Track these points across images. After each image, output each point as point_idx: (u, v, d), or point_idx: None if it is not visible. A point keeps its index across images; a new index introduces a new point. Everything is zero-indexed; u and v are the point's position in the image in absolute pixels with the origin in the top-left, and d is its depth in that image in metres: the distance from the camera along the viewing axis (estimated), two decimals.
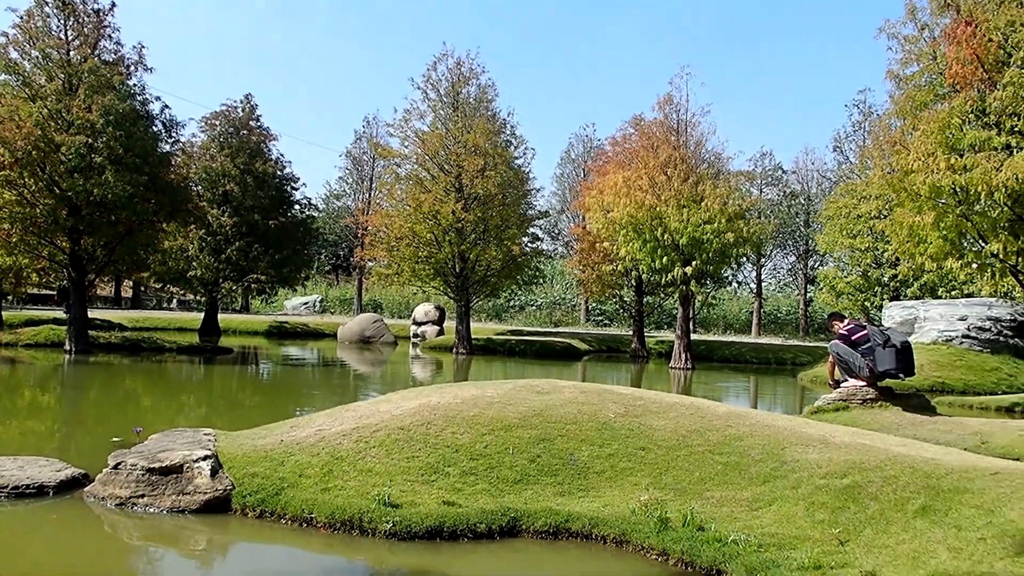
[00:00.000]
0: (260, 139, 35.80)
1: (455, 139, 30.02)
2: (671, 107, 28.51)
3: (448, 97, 31.00)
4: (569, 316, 55.20)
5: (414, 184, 30.64)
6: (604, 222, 27.34)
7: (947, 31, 13.40)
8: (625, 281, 33.76)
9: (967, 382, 21.12)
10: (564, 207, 55.53)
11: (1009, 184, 11.95)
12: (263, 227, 33.54)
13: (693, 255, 26.00)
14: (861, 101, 44.69)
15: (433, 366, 25.91)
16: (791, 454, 6.69)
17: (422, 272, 31.03)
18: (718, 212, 25.53)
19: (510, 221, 30.81)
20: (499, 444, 7.08)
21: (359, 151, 59.85)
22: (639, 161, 27.52)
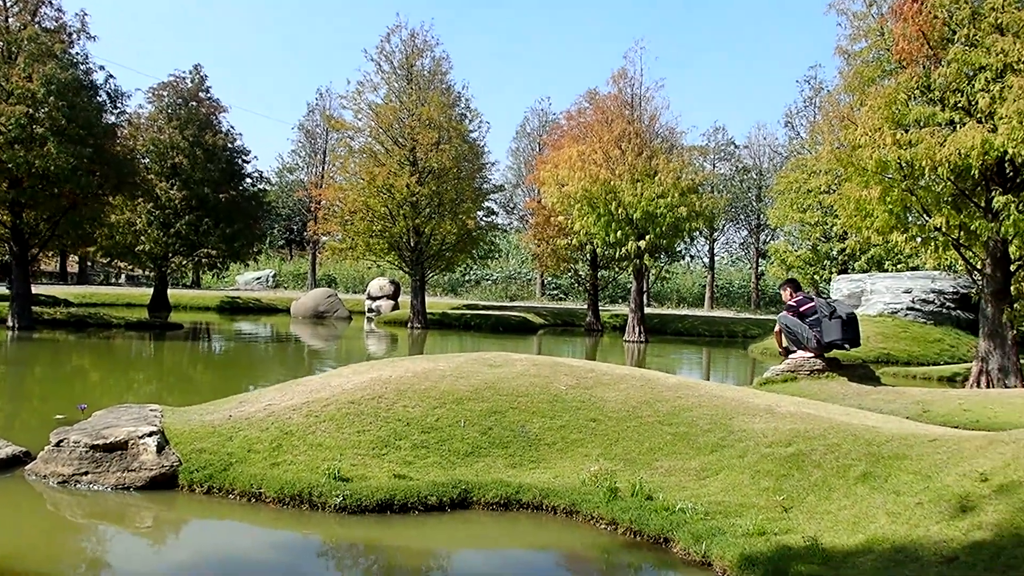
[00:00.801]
0: (210, 111, 35.11)
1: (409, 112, 29.73)
2: (625, 81, 28.59)
3: (402, 69, 30.66)
4: (524, 290, 55.33)
5: (368, 157, 30.32)
6: (559, 196, 27.38)
7: (894, 7, 13.55)
8: (580, 255, 33.88)
9: (911, 353, 21.62)
10: (519, 181, 55.44)
11: (952, 159, 12.17)
12: (213, 201, 32.98)
13: (647, 229, 26.18)
14: (812, 77, 45.15)
15: (387, 341, 25.83)
16: (738, 424, 6.79)
17: (376, 246, 30.80)
18: (671, 186, 25.71)
19: (465, 195, 30.67)
20: (451, 417, 7.09)
21: (312, 124, 59.01)
22: (594, 135, 27.56)
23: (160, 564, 5.08)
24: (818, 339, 11.37)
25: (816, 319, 11.36)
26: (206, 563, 5.07)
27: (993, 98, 12.25)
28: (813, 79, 44.63)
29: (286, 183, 63.25)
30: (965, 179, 13.43)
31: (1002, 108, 11.97)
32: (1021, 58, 12.06)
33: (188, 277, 49.53)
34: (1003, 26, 12.44)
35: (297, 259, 66.81)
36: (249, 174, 37.06)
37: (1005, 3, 12.52)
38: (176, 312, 33.80)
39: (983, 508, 4.61)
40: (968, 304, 23.51)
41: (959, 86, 12.88)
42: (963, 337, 23.01)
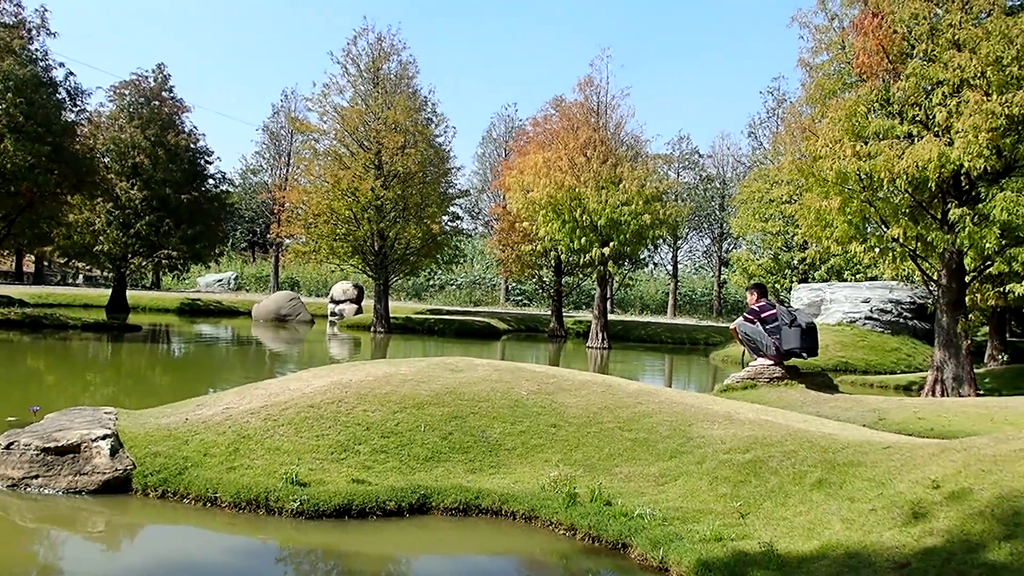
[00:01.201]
0: (173, 111, 34.66)
1: (375, 115, 29.63)
2: (591, 89, 28.77)
3: (368, 72, 30.55)
4: (489, 296, 55.32)
5: (333, 160, 30.16)
6: (524, 202, 27.43)
7: (855, 22, 13.78)
8: (544, 261, 33.96)
9: (869, 362, 21.95)
10: (485, 186, 55.48)
11: (910, 171, 12.39)
12: (175, 201, 32.55)
13: (611, 236, 26.31)
14: (775, 88, 45.73)
15: (350, 345, 25.67)
16: (697, 430, 6.84)
17: (340, 250, 30.62)
18: (636, 194, 25.87)
19: (430, 199, 30.62)
20: (411, 422, 7.06)
21: (277, 126, 58.52)
22: (559, 142, 27.66)
23: (112, 569, 4.99)
24: (777, 346, 11.48)
25: (776, 326, 11.47)
26: (159, 568, 4.99)
27: (950, 112, 12.50)
28: (776, 90, 45.23)
29: (250, 185, 62.68)
30: (922, 191, 13.69)
31: (958, 122, 12.22)
32: (977, 73, 12.32)
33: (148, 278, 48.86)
34: (960, 42, 12.70)
35: (260, 262, 66.19)
36: (212, 175, 36.65)
37: (962, 20, 12.79)
38: (135, 314, 33.31)
39: (935, 514, 4.68)
40: (924, 314, 23.92)
41: (917, 100, 13.12)
42: (919, 346, 23.41)
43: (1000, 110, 11.91)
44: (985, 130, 11.88)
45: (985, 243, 12.67)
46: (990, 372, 18.66)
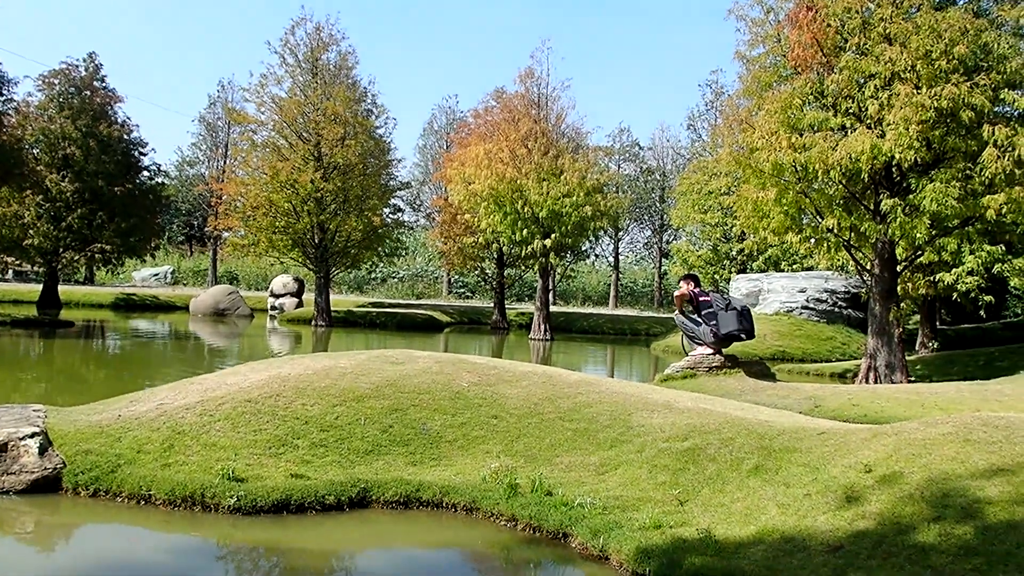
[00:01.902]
0: (105, 101, 33.69)
1: (314, 106, 29.23)
2: (532, 81, 28.79)
3: (307, 63, 30.09)
4: (431, 288, 55.10)
5: (271, 152, 29.67)
6: (466, 194, 27.36)
7: (790, 15, 13.99)
8: (486, 253, 33.93)
9: (805, 350, 22.41)
10: (426, 178, 55.15)
11: (843, 163, 12.65)
12: (108, 194, 31.66)
13: (553, 228, 26.40)
14: (713, 81, 46.22)
15: (291, 339, 25.35)
16: (637, 419, 6.89)
17: (280, 243, 30.15)
18: (577, 186, 25.99)
19: (371, 191, 30.33)
20: (351, 415, 6.98)
21: (213, 116, 57.36)
22: (501, 134, 27.64)
23: (42, 571, 4.84)
24: (715, 332, 11.63)
25: (712, 312, 11.61)
26: (91, 569, 4.86)
27: (882, 105, 12.77)
28: (715, 83, 45.74)
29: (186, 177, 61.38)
30: (856, 183, 13.98)
31: (890, 115, 12.50)
32: (907, 67, 12.61)
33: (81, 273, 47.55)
34: (891, 36, 12.98)
35: (197, 255, 64.90)
36: (146, 167, 35.73)
37: (893, 14, 13.07)
38: (68, 309, 32.41)
39: (867, 498, 4.78)
40: (858, 303, 24.49)
41: (850, 93, 13.38)
42: (854, 335, 23.97)
43: (929, 103, 12.22)
44: (915, 122, 12.18)
45: (916, 233, 12.99)
46: (921, 359, 19.18)
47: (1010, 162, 12.23)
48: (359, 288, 55.36)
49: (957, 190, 12.50)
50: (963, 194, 12.64)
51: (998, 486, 4.54)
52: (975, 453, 4.94)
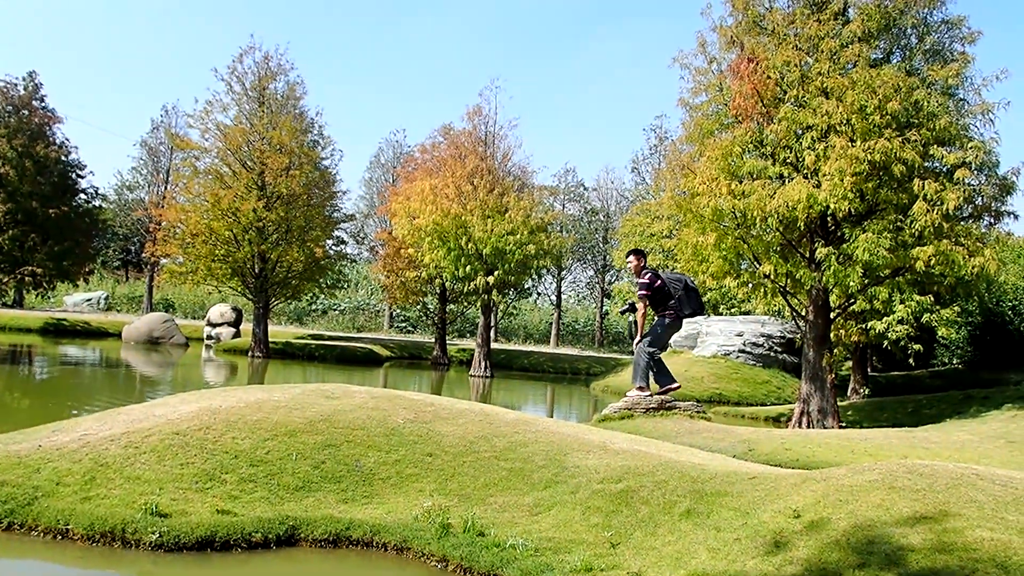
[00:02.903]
0: (43, 121, 33.09)
1: (260, 135, 28.99)
2: (480, 118, 28.98)
3: (254, 91, 29.89)
4: (373, 322, 54.64)
5: (214, 179, 29.27)
6: (410, 228, 27.31)
7: (732, 66, 14.37)
8: (429, 288, 33.82)
9: (741, 393, 22.68)
10: (371, 211, 54.93)
11: (780, 211, 12.95)
12: (42, 215, 30.96)
13: (496, 265, 26.45)
14: (658, 125, 47.10)
15: (226, 369, 24.86)
16: (572, 460, 6.88)
17: (219, 271, 29.64)
18: (521, 224, 26.12)
19: (314, 222, 30.09)
20: (282, 450, 6.84)
21: (156, 141, 56.42)
22: (447, 169, 27.70)
23: None
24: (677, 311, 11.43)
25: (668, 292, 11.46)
26: None
27: (818, 156, 13.13)
28: (659, 127, 46.61)
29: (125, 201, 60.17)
30: (792, 230, 14.30)
31: (825, 166, 12.86)
32: (843, 120, 13.01)
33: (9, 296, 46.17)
34: (828, 90, 13.40)
35: (133, 281, 63.44)
36: (84, 189, 35.13)
37: (830, 69, 13.50)
38: None
39: (795, 544, 4.83)
40: (793, 348, 24.91)
41: (788, 143, 13.75)
42: (788, 379, 24.35)
43: (863, 156, 12.60)
44: (849, 174, 12.54)
45: (849, 281, 13.31)
46: (853, 405, 19.55)
47: (939, 216, 12.66)
48: (299, 319, 54.63)
49: (888, 241, 12.87)
50: (894, 245, 13.01)
51: (921, 533, 4.62)
52: (900, 500, 5.03)
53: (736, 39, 14.70)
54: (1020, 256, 21.61)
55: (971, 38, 14.47)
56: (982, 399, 15.17)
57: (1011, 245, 16.23)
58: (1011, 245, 16.23)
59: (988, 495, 5.05)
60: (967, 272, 12.90)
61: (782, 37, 14.30)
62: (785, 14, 14.55)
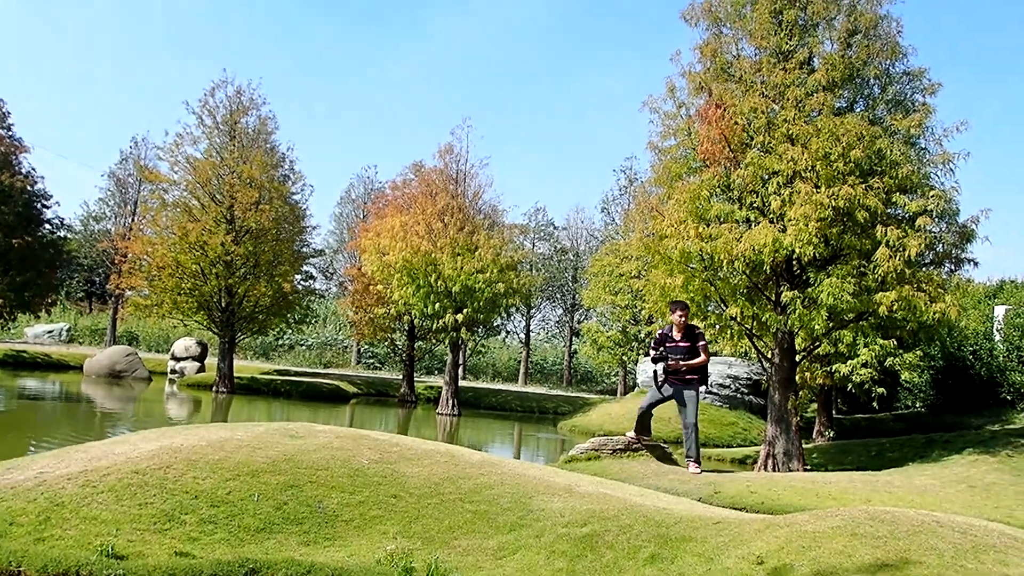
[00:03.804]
0: (10, 149, 32.62)
1: (230, 169, 28.88)
2: (451, 156, 29.12)
3: (225, 125, 29.82)
4: (340, 358, 54.23)
5: (182, 212, 29.04)
6: (379, 265, 27.26)
7: (701, 111, 14.58)
8: (398, 325, 33.68)
9: (708, 435, 22.71)
10: (341, 247, 54.82)
11: (747, 254, 13.10)
12: (4, 246, 30.45)
13: (465, 303, 26.45)
14: (628, 167, 47.45)
15: (189, 405, 24.52)
16: (538, 503, 6.85)
17: (184, 305, 29.29)
18: (491, 262, 26.18)
19: (283, 257, 29.94)
20: (244, 490, 6.75)
21: (124, 173, 55.98)
22: (418, 207, 27.76)
23: None
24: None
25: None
26: None
27: (784, 201, 13.32)
28: (629, 169, 46.96)
29: (91, 232, 59.52)
30: (758, 274, 14.45)
31: (791, 211, 13.04)
32: (808, 167, 13.24)
33: None
34: (794, 137, 13.64)
35: (97, 313, 62.56)
36: (49, 220, 34.61)
37: (795, 116, 13.76)
38: None
39: None
40: (759, 390, 25.06)
41: (755, 188, 13.94)
42: (755, 421, 24.46)
43: (828, 202, 12.81)
44: (814, 219, 12.73)
45: (814, 325, 13.46)
46: (818, 447, 19.66)
47: (901, 262, 12.87)
48: (265, 354, 54.10)
49: (852, 286, 13.05)
50: (858, 290, 13.19)
51: None
52: (861, 547, 5.06)
53: (704, 85, 14.93)
54: (980, 302, 22.01)
55: (932, 89, 14.83)
56: (944, 443, 15.32)
57: (971, 292, 16.52)
58: (971, 292, 16.52)
59: (948, 543, 5.10)
60: (929, 317, 13.09)
61: (749, 84, 14.55)
62: (752, 62, 14.83)
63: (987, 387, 20.43)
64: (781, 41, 14.69)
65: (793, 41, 14.74)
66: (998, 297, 22.54)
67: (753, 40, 14.94)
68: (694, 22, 15.63)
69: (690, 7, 15.59)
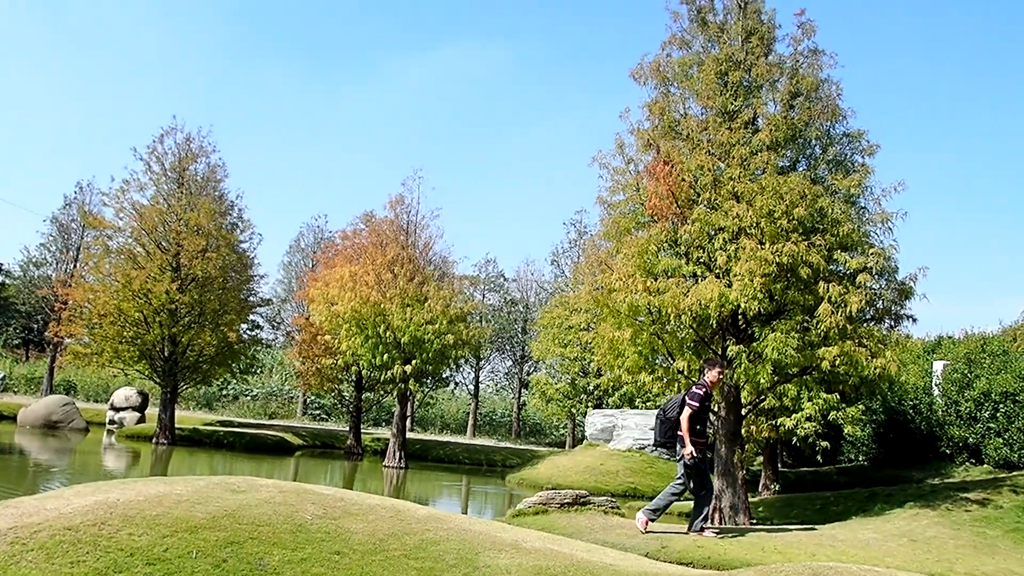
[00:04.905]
0: None
1: (177, 216, 28.54)
2: (402, 207, 29.20)
3: (173, 172, 29.53)
4: (285, 408, 53.33)
5: (126, 259, 28.54)
6: (328, 315, 27.06)
7: (648, 167, 14.85)
8: (345, 375, 33.32)
9: (655, 488, 22.70)
10: (289, 296, 54.27)
11: (694, 309, 13.26)
12: None
13: (414, 353, 26.31)
14: (577, 220, 47.97)
15: (128, 457, 23.86)
16: (484, 559, 6.76)
17: (126, 354, 28.63)
18: (440, 313, 26.13)
19: (229, 306, 29.53)
20: (182, 547, 6.55)
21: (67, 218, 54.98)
22: (367, 257, 27.70)
23: None
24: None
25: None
26: None
27: (729, 257, 13.57)
28: (578, 222, 47.47)
29: (30, 278, 58.11)
30: (705, 328, 14.62)
31: (736, 267, 13.28)
32: (753, 223, 13.52)
33: None
34: (739, 194, 13.94)
35: (34, 361, 60.81)
36: None
37: (740, 174, 14.09)
38: None
39: None
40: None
41: (702, 243, 14.18)
42: None
43: (772, 258, 13.07)
44: (759, 275, 12.97)
45: (759, 379, 13.63)
46: (763, 501, 19.77)
47: (842, 318, 13.14)
48: (208, 405, 52.96)
49: (796, 340, 13.27)
50: (801, 344, 13.42)
51: None
52: None
53: (652, 142, 15.23)
54: (919, 358, 22.50)
55: (871, 151, 15.32)
56: (886, 496, 15.52)
57: (910, 347, 16.86)
58: (910, 347, 16.86)
59: None
60: (870, 372, 13.34)
61: (696, 142, 14.88)
62: (699, 121, 15.18)
63: (927, 441, 20.80)
64: (727, 101, 15.08)
65: (738, 102, 15.15)
66: (936, 353, 23.06)
67: (700, 100, 15.32)
68: (643, 81, 15.99)
69: (639, 66, 15.96)
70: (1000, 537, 11.41)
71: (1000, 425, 18.71)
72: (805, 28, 15.61)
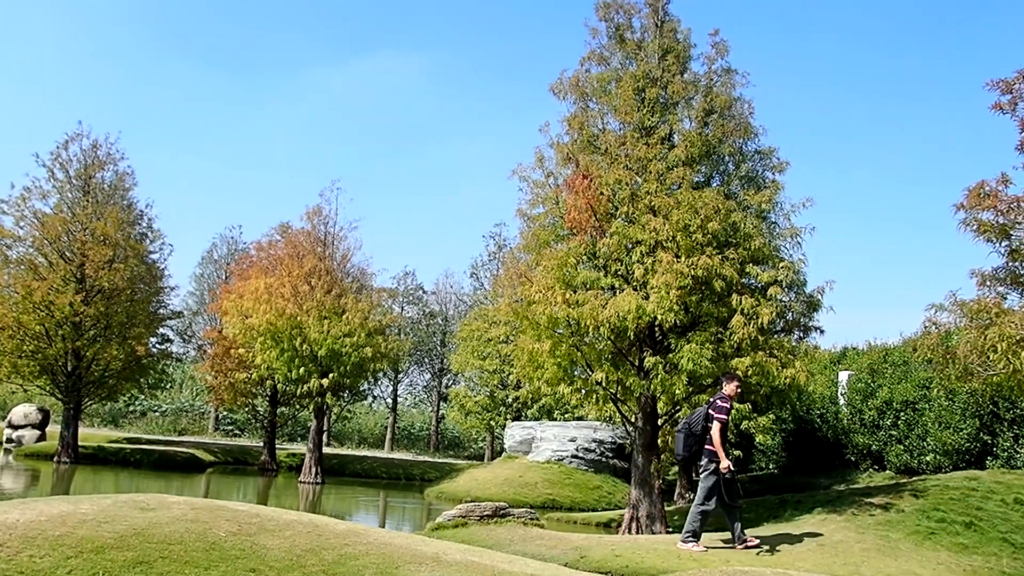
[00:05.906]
0: None
1: (82, 225, 27.56)
2: (320, 219, 28.81)
3: (79, 180, 28.49)
4: (196, 424, 51.91)
5: (26, 270, 27.36)
6: (242, 328, 26.48)
7: (568, 181, 15.01)
8: (259, 390, 32.61)
9: (574, 499, 22.89)
10: (201, 308, 52.92)
11: (612, 321, 13.44)
12: None
13: (331, 367, 25.94)
14: (497, 233, 48.02)
15: (27, 477, 22.85)
16: (404, 573, 6.68)
17: (25, 368, 27.41)
18: (359, 326, 25.84)
19: (138, 319, 28.58)
20: (87, 569, 6.29)
21: None
22: (283, 268, 27.23)
23: None
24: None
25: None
26: None
27: (646, 269, 13.80)
28: (498, 235, 47.54)
29: None
30: (623, 339, 14.82)
31: (653, 279, 13.50)
32: (669, 237, 13.78)
33: None
34: (656, 208, 14.20)
35: None
36: None
37: (657, 189, 14.37)
38: None
39: None
40: (624, 454, 25.50)
41: (619, 256, 14.39)
42: (619, 484, 24.82)
43: (687, 271, 13.34)
44: (675, 288, 13.21)
45: (675, 389, 13.87)
46: (679, 510, 20.08)
47: (755, 329, 13.49)
48: (114, 421, 51.17)
49: (711, 351, 13.56)
50: (716, 355, 13.71)
51: None
52: None
53: (572, 156, 15.40)
54: (826, 368, 23.23)
55: (780, 168, 15.80)
56: (795, 503, 15.92)
57: (818, 358, 17.43)
58: (818, 358, 17.43)
59: None
60: (780, 382, 13.71)
61: (614, 157, 15.11)
62: (617, 136, 15.43)
63: (833, 448, 21.47)
64: (644, 117, 15.37)
65: (655, 118, 15.46)
66: (841, 363, 23.86)
67: (618, 115, 15.59)
68: (563, 95, 16.18)
69: (559, 81, 16.15)
70: (902, 540, 11.82)
71: (901, 432, 19.45)
72: (719, 48, 16.06)
